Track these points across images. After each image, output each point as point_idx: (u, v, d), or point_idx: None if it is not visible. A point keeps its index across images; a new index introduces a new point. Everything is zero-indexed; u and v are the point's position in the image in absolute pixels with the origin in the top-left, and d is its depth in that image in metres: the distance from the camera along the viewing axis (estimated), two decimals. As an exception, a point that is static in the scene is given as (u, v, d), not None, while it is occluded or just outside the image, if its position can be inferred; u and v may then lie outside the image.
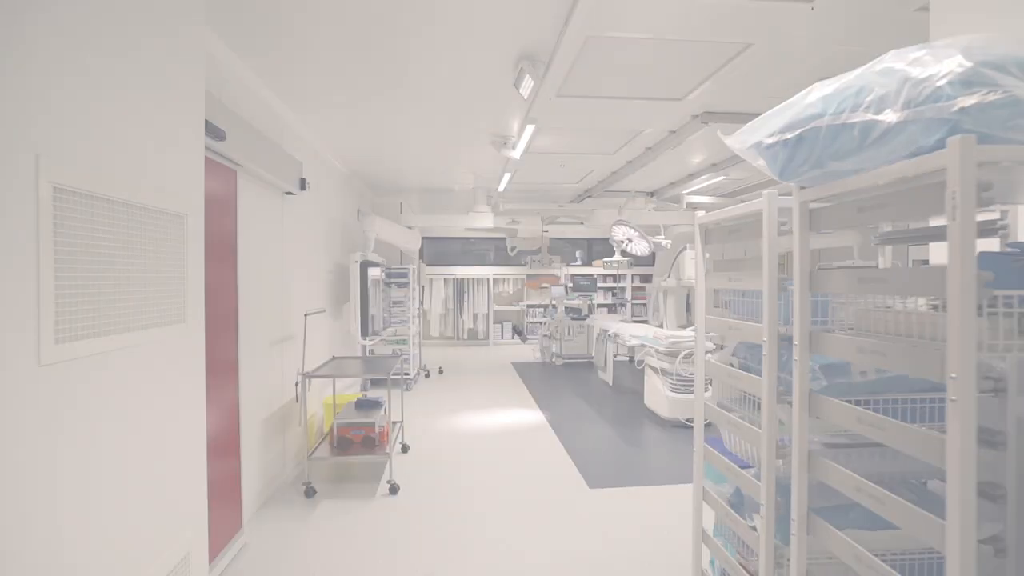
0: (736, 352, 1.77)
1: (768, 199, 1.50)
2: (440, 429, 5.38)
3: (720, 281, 1.79)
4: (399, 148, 5.57)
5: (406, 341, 7.27)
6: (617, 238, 6.88)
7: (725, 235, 1.77)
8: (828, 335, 1.30)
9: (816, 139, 1.15)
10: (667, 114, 4.33)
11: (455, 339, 11.86)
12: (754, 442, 1.56)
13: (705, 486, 1.99)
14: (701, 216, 1.88)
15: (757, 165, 1.39)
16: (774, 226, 1.49)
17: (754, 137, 1.36)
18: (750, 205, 1.58)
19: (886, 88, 1.00)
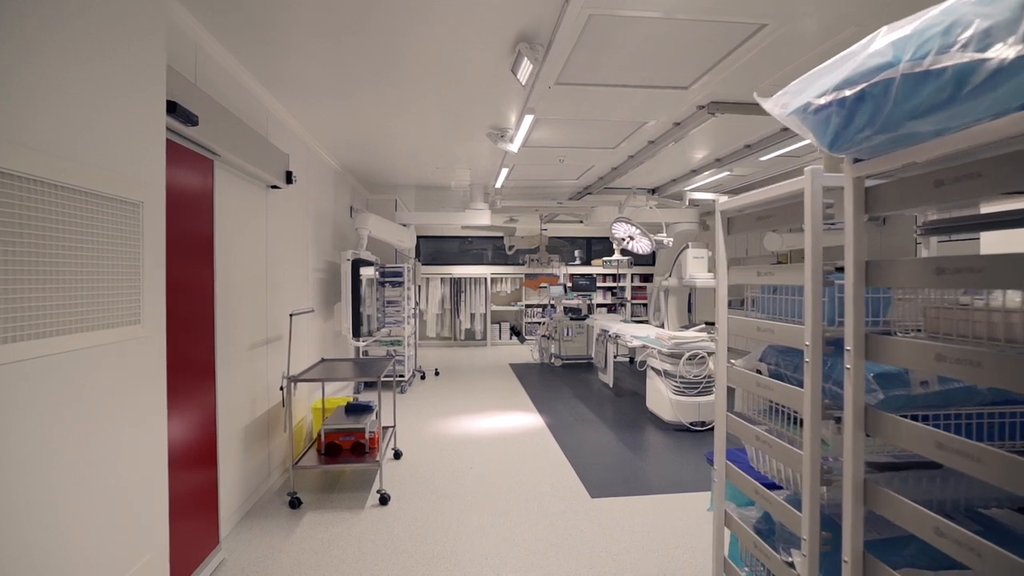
0: (764, 357, 1.53)
1: (811, 177, 1.26)
2: (435, 434, 5.14)
3: (746, 276, 1.55)
4: (393, 142, 5.32)
5: (401, 342, 7.02)
6: (618, 236, 6.64)
7: (752, 223, 1.54)
8: (891, 339, 1.06)
9: (885, 95, 0.91)
10: (672, 104, 4.09)
11: (452, 340, 11.62)
12: (791, 463, 1.32)
13: (727, 509, 1.73)
14: (723, 203, 1.64)
15: (801, 133, 1.15)
16: (818, 209, 1.25)
17: (799, 99, 1.11)
18: (785, 186, 1.34)
19: (992, 17, 0.77)
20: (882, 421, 1.07)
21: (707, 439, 5.01)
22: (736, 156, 5.53)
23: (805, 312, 1.24)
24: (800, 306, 1.33)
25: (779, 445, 1.36)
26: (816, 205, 1.25)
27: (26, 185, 1.34)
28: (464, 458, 4.48)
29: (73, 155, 1.50)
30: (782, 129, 4.75)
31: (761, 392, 1.45)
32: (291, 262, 4.46)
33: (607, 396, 6.81)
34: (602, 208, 7.55)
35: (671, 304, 8.38)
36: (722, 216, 1.67)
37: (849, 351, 1.12)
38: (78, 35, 1.54)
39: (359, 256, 5.57)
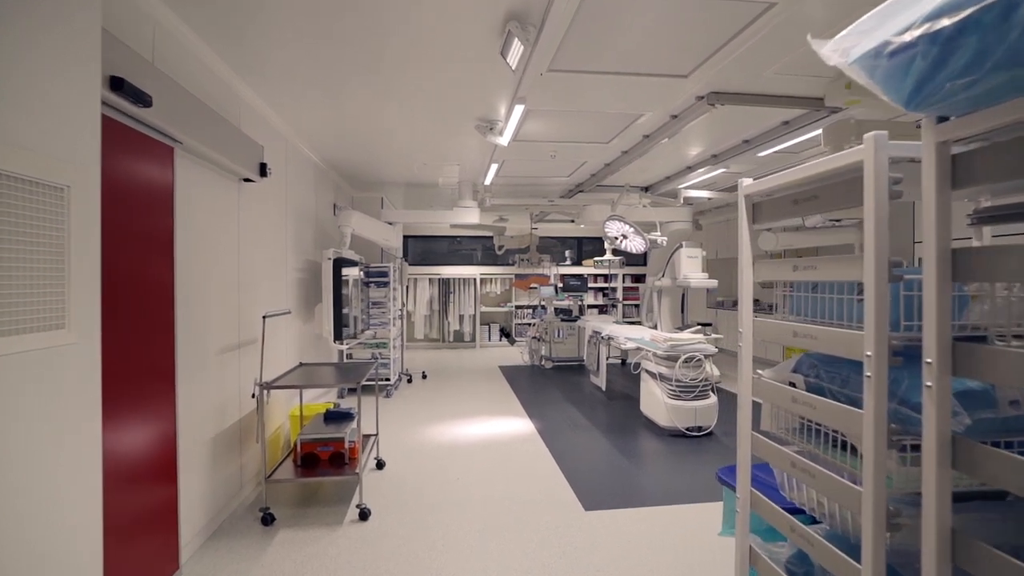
0: (800, 368, 1.29)
1: (873, 145, 1.01)
2: (420, 441, 4.86)
3: (777, 271, 1.30)
4: (378, 137, 5.04)
5: (386, 344, 6.73)
6: (611, 234, 6.41)
7: (786, 209, 1.29)
8: (991, 350, 0.82)
9: (1005, 21, 0.67)
10: (670, 94, 3.86)
11: (440, 341, 11.33)
12: (843, 501, 1.08)
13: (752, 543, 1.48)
14: (749, 185, 1.39)
15: (867, 85, 0.90)
16: (883, 186, 1.00)
17: (870, 40, 0.87)
18: (834, 160, 1.09)
19: None
20: (975, 453, 0.83)
21: (704, 445, 4.78)
22: (733, 152, 5.31)
23: (867, 315, 1.00)
24: (848, 307, 1.09)
25: (826, 477, 1.11)
26: (880, 181, 1.00)
27: None
28: (451, 467, 4.21)
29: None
30: (782, 123, 4.54)
31: (799, 410, 1.21)
32: (268, 261, 4.17)
33: (599, 400, 6.57)
34: (594, 206, 7.31)
35: (664, 305, 8.16)
36: (746, 201, 1.42)
37: (930, 364, 0.88)
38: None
39: (341, 255, 5.28)
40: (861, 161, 1.03)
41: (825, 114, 4.07)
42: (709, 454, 4.55)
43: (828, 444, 1.20)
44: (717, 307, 10.44)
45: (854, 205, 1.06)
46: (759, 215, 1.43)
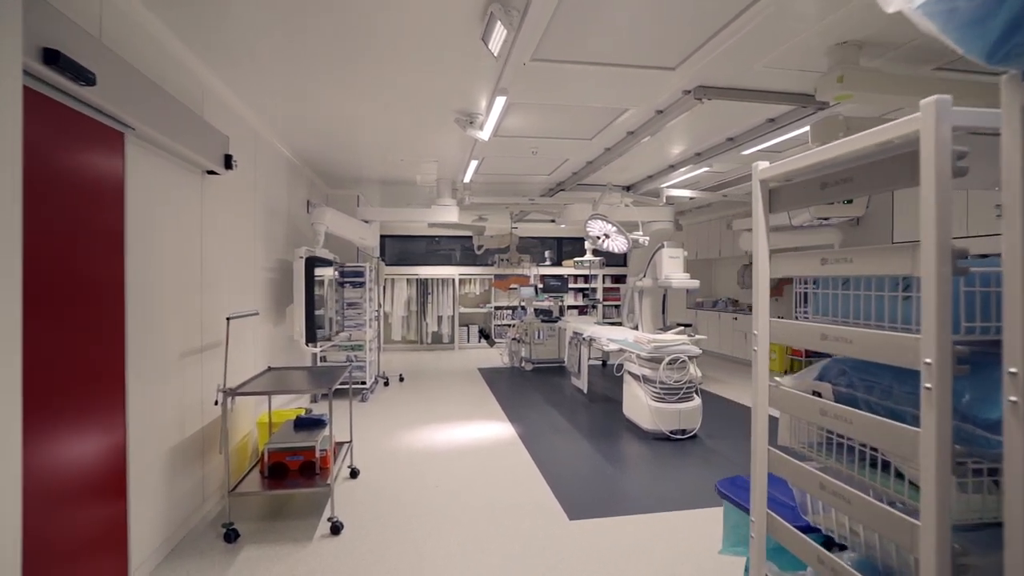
0: (827, 375, 1.14)
1: (935, 111, 0.86)
2: (397, 448, 4.64)
3: (802, 265, 1.15)
4: (353, 131, 4.81)
5: (362, 347, 6.49)
6: (593, 234, 6.26)
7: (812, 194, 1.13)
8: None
9: None
10: (656, 88, 3.72)
11: (418, 343, 11.08)
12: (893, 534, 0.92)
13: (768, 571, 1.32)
14: (764, 169, 1.24)
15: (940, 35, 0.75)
16: (945, 160, 0.85)
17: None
18: (880, 132, 0.93)
19: None
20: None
21: (689, 449, 4.65)
22: (717, 150, 5.21)
23: (925, 316, 0.85)
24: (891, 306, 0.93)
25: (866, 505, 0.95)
26: (942, 155, 0.85)
27: None
28: (429, 475, 4.01)
29: None
30: (767, 120, 4.44)
31: (829, 424, 1.05)
32: (235, 259, 3.92)
33: (581, 402, 6.43)
34: (575, 206, 7.18)
35: (645, 305, 8.06)
36: (762, 187, 1.26)
37: (1015, 374, 0.73)
38: None
39: (315, 254, 5.03)
40: (916, 132, 0.88)
41: (812, 111, 3.99)
42: (694, 458, 4.42)
43: (860, 462, 1.05)
44: (696, 308, 10.40)
45: (904, 185, 0.91)
46: (777, 202, 1.27)
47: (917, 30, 2.94)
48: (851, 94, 3.10)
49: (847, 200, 3.44)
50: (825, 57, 3.20)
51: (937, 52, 3.21)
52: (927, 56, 3.26)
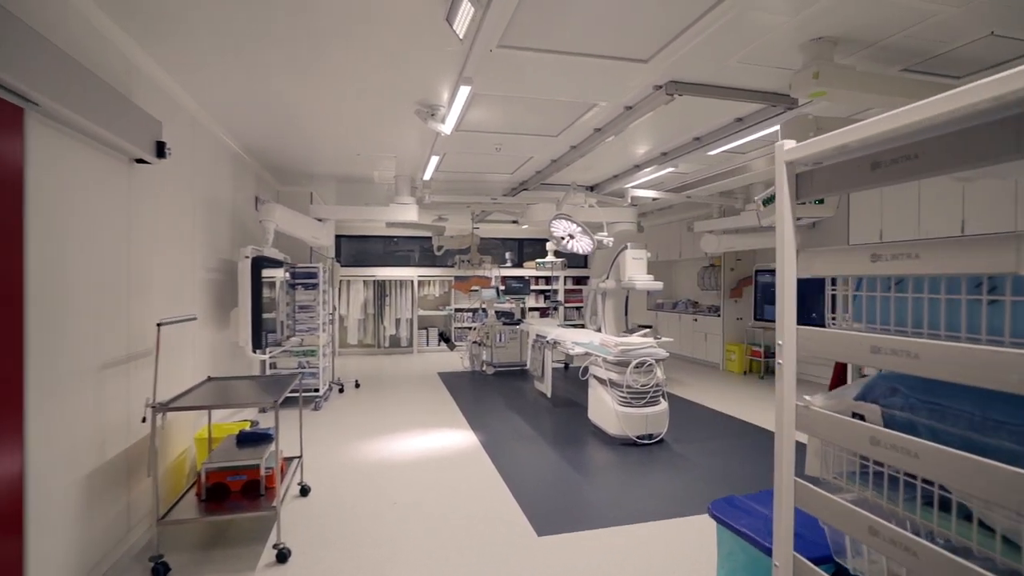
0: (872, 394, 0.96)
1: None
2: (353, 460, 4.32)
3: (848, 263, 0.95)
4: (305, 122, 4.47)
5: (315, 352, 6.11)
6: (557, 234, 6.08)
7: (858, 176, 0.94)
8: None
9: None
10: (626, 81, 3.56)
11: (375, 347, 10.68)
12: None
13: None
14: (791, 149, 1.04)
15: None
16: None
17: None
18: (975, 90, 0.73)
19: None
20: None
21: (657, 455, 4.51)
22: (683, 150, 5.12)
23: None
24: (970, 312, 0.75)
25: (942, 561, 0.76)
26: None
27: None
28: (387, 490, 3.72)
29: None
30: (736, 119, 4.36)
31: (886, 457, 0.85)
32: (170, 259, 3.53)
33: (545, 407, 6.23)
34: (539, 205, 6.99)
35: (608, 307, 7.95)
36: (788, 170, 1.06)
37: None
38: None
39: (263, 253, 4.66)
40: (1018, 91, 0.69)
41: (781, 110, 3.91)
42: (663, 464, 4.28)
43: (900, 493, 0.87)
44: (657, 309, 10.40)
45: (1004, 158, 0.72)
46: (807, 188, 1.07)
47: (890, 28, 2.83)
48: (825, 91, 3.01)
49: (818, 200, 3.36)
50: (800, 53, 3.11)
51: (906, 52, 3.17)
52: (896, 56, 3.22)
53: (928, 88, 3.33)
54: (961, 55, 3.21)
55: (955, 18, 2.78)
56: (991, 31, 2.93)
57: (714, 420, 5.66)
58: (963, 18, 2.78)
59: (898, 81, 3.28)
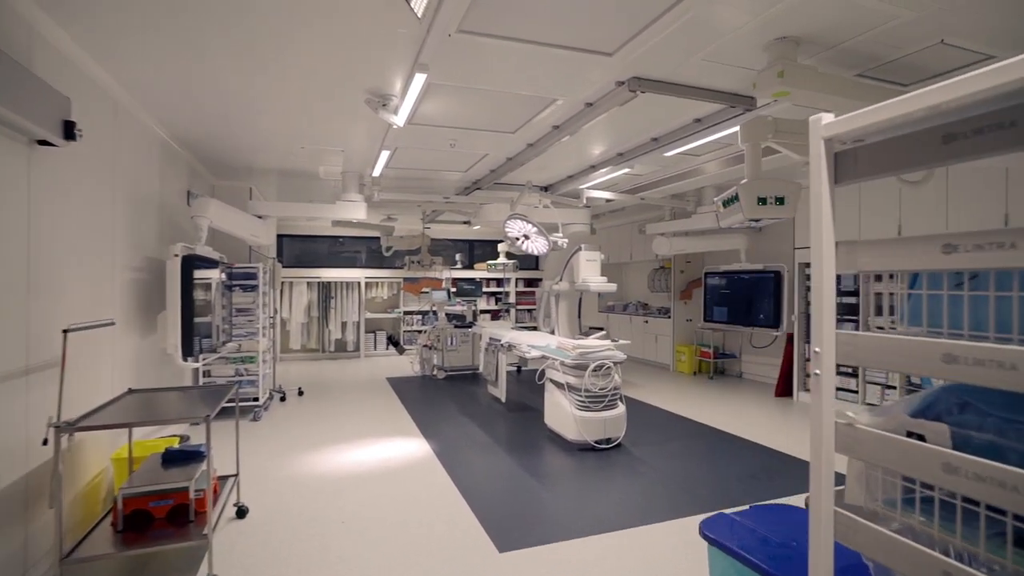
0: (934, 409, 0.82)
1: None
2: (295, 476, 3.98)
3: (911, 256, 0.79)
4: (244, 110, 4.09)
5: (255, 358, 5.67)
6: (512, 235, 5.90)
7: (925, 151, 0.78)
8: None
9: None
10: (589, 75, 3.42)
11: (319, 352, 10.18)
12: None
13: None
14: (830, 123, 0.89)
15: None
16: None
17: None
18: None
19: None
20: None
21: (615, 459, 4.40)
22: (640, 151, 5.05)
23: None
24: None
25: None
26: None
27: None
28: (334, 508, 3.42)
29: None
30: (694, 120, 4.31)
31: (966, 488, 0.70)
32: (83, 256, 3.11)
33: (499, 412, 6.04)
34: (492, 205, 6.80)
35: (562, 309, 7.84)
36: (826, 149, 0.90)
37: None
38: None
39: (195, 252, 4.24)
40: None
41: (740, 111, 3.88)
42: (623, 469, 4.17)
43: (963, 524, 0.73)
44: (608, 311, 10.41)
45: None
46: (849, 169, 0.91)
47: (851, 30, 2.77)
48: (789, 91, 2.96)
49: (779, 200, 3.33)
50: (763, 53, 3.05)
51: (863, 57, 3.18)
52: (854, 60, 3.22)
53: (881, 93, 3.36)
54: (911, 62, 3.25)
55: (910, 24, 2.79)
56: (941, 39, 2.96)
57: (668, 422, 5.63)
58: (918, 25, 2.80)
59: (853, 84, 3.29)
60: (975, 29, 2.87)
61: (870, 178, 0.90)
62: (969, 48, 3.06)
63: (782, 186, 3.38)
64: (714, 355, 7.97)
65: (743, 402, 6.47)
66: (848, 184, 0.92)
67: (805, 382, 6.46)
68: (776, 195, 3.37)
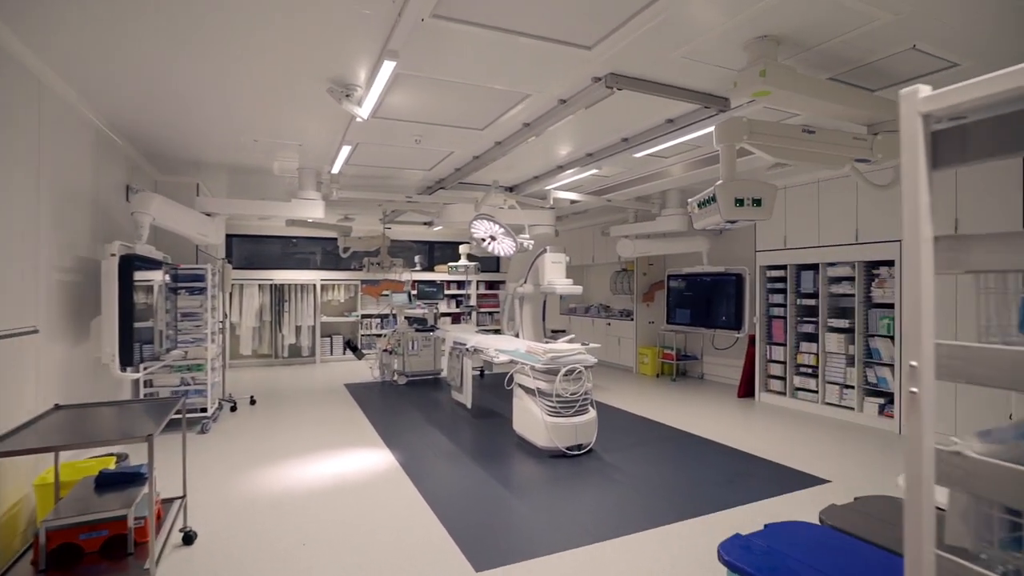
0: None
1: None
2: (249, 494, 3.67)
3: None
4: (189, 98, 3.75)
5: (202, 367, 5.27)
6: (478, 235, 5.72)
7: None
8: None
9: None
10: (566, 69, 3.28)
11: (272, 358, 9.68)
12: None
13: None
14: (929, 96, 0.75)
15: None
16: None
17: None
18: None
19: None
20: None
21: (588, 466, 4.28)
22: (610, 151, 4.96)
23: None
24: None
25: None
26: None
27: None
28: (292, 529, 3.14)
29: None
30: (666, 120, 4.25)
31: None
32: (1, 256, 2.74)
33: (465, 419, 5.83)
34: (456, 206, 6.59)
35: (526, 312, 7.71)
36: (924, 126, 0.76)
37: None
38: None
39: (134, 251, 3.86)
40: None
41: (714, 112, 3.83)
42: (597, 476, 4.04)
43: None
44: (570, 314, 10.35)
45: None
46: (954, 149, 0.77)
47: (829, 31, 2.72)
48: (770, 91, 2.91)
49: (756, 202, 3.28)
50: (744, 52, 2.99)
51: (838, 59, 3.17)
52: (829, 62, 3.21)
53: (854, 96, 3.36)
54: (881, 67, 3.27)
55: (886, 27, 2.78)
56: (913, 44, 2.98)
57: (637, 425, 5.56)
58: (894, 28, 2.80)
59: (828, 87, 3.28)
60: (945, 36, 2.89)
61: (978, 162, 0.77)
62: (937, 55, 3.09)
63: (759, 187, 3.34)
64: (676, 357, 8.00)
65: (707, 404, 6.49)
66: (948, 168, 0.79)
67: (766, 383, 6.53)
68: (753, 196, 3.32)
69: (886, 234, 5.25)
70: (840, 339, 5.70)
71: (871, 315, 5.48)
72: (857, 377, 5.52)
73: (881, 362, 5.37)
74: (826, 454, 4.52)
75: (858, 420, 5.50)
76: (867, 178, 3.60)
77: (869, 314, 5.50)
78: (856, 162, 3.52)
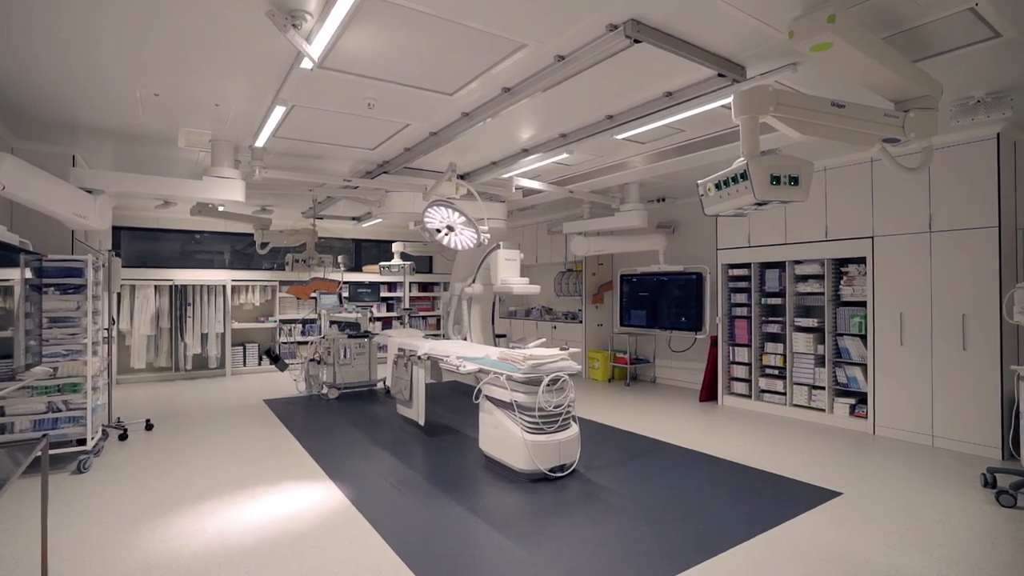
0: None
1: None
2: (146, 555, 2.64)
3: None
4: (61, 29, 2.68)
5: (79, 386, 4.04)
6: (432, 225, 4.92)
7: None
8: None
9: None
10: (578, 10, 2.62)
11: (172, 371, 8.19)
12: None
13: None
14: None
15: None
16: None
17: None
18: None
19: None
20: None
21: (575, 488, 3.63)
22: (589, 130, 4.36)
23: None
24: None
25: None
26: None
27: None
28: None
29: None
30: (664, 93, 3.71)
31: None
32: None
33: (418, 438, 4.97)
34: (401, 194, 5.74)
35: (475, 314, 6.97)
36: None
37: None
38: None
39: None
40: None
41: (728, 82, 3.33)
42: (592, 502, 3.39)
43: None
44: (510, 316, 9.70)
45: None
46: None
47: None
48: (831, 43, 2.42)
49: (793, 180, 2.79)
50: None
51: (892, 18, 2.74)
52: (882, 21, 2.77)
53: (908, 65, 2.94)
54: (927, 32, 2.89)
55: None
56: (976, 3, 2.61)
57: (610, 437, 4.99)
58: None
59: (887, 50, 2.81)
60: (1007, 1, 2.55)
61: None
62: (990, 21, 2.75)
63: (795, 164, 2.86)
64: (630, 361, 7.59)
65: (670, 409, 6.07)
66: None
67: (730, 386, 6.23)
68: (790, 174, 2.84)
69: (858, 231, 5.07)
70: (808, 339, 5.48)
71: (840, 313, 5.29)
72: (827, 377, 5.30)
73: (851, 361, 5.18)
74: (818, 461, 4.18)
75: (828, 422, 5.28)
76: (897, 161, 3.25)
77: (838, 312, 5.31)
78: (883, 142, 3.15)
